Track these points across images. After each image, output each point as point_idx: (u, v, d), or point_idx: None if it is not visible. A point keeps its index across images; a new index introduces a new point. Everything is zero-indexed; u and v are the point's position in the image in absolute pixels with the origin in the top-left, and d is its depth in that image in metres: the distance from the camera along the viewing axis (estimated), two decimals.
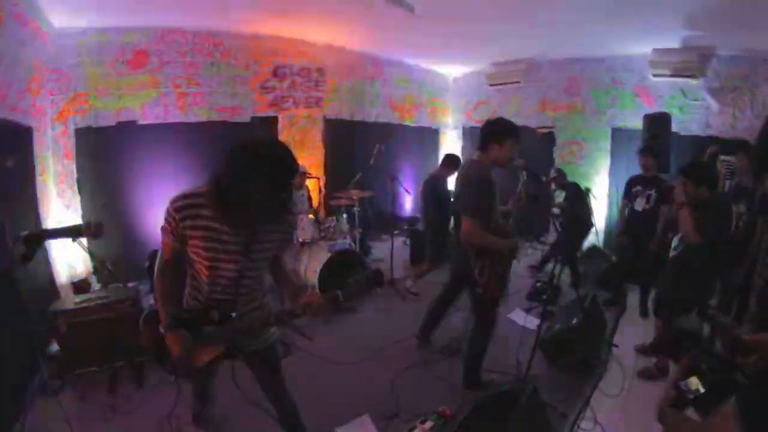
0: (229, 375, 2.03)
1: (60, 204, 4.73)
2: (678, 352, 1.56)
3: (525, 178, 4.98)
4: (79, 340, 3.14)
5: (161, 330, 1.85)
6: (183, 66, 5.52)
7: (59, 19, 4.52)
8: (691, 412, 1.36)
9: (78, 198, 4.91)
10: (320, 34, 6.36)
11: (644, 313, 4.62)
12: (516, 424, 2.42)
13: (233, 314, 1.89)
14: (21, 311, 2.99)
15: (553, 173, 5.74)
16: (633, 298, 4.86)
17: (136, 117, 5.26)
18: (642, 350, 3.81)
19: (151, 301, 1.93)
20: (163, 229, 1.78)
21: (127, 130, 5.15)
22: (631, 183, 4.76)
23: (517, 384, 3.19)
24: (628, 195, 4.75)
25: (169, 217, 1.72)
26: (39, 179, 4.20)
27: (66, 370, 3.28)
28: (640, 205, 4.60)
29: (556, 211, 5.56)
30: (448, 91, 9.24)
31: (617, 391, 3.19)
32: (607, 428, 2.87)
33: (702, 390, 1.34)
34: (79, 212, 4.85)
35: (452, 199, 3.50)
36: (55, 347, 3.45)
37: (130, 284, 3.92)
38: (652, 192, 4.50)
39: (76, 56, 4.77)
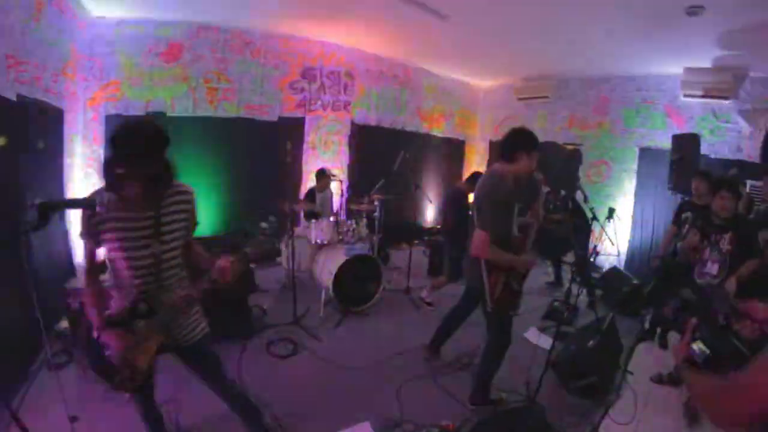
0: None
1: (85, 186, 4.84)
2: (679, 320, 1.74)
3: (545, 193, 4.85)
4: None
5: (95, 334, 1.86)
6: (214, 61, 5.68)
7: (97, 9, 4.69)
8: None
9: (103, 182, 4.99)
10: (350, 38, 6.44)
11: (664, 345, 4.37)
12: None
13: (160, 302, 1.91)
14: (35, 286, 3.05)
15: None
16: None
17: (165, 108, 5.42)
18: (658, 380, 3.63)
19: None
20: (81, 235, 1.83)
21: (155, 120, 5.23)
22: (682, 208, 4.37)
23: (524, 405, 3.13)
24: (677, 221, 4.34)
25: (85, 221, 1.79)
26: (67, 161, 4.35)
27: (73, 347, 3.33)
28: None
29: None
30: (477, 103, 9.21)
31: (628, 420, 3.02)
32: None
33: (707, 352, 1.46)
34: None
35: (469, 213, 3.37)
36: (64, 323, 3.52)
37: None
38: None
39: (111, 45, 4.94)
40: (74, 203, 1.74)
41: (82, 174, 4.87)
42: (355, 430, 2.91)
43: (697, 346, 1.48)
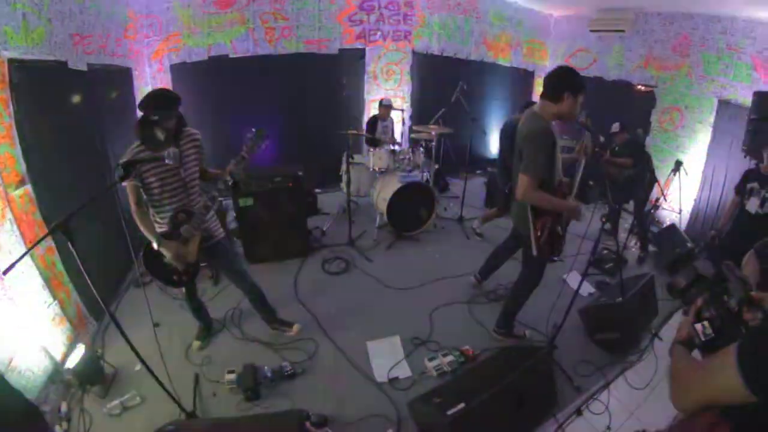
0: None
1: None
2: (690, 295, 1.66)
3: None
4: None
5: (155, 247, 2.71)
6: (269, 2, 5.92)
7: None
8: (696, 353, 1.47)
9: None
10: None
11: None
12: (520, 381, 2.62)
13: (193, 209, 2.79)
14: (122, 217, 3.77)
15: (615, 128, 5.27)
16: None
17: (226, 51, 5.84)
18: None
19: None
20: (126, 178, 2.42)
21: (218, 63, 5.75)
22: (747, 176, 4.08)
23: (536, 345, 3.41)
24: (742, 190, 4.09)
25: (135, 169, 2.41)
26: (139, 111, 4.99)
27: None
28: (753, 206, 3.92)
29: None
30: (548, 32, 8.82)
31: (642, 385, 3.07)
32: (615, 418, 2.83)
33: (711, 335, 1.41)
34: None
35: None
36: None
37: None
38: None
39: (167, 2, 5.30)
40: (148, 159, 2.50)
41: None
42: (386, 341, 3.44)
43: (702, 326, 1.44)
